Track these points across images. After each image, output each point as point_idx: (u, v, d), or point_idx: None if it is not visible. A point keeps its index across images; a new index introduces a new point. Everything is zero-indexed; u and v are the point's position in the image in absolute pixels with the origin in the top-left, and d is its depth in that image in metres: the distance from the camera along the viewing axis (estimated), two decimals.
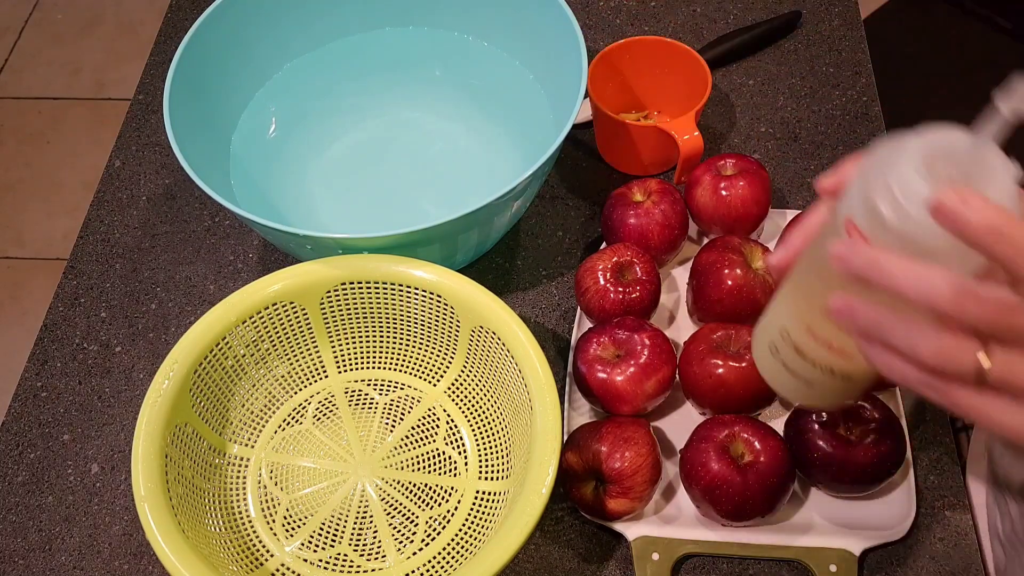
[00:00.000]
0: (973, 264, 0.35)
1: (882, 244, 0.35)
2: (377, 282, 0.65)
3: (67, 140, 1.92)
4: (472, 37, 0.82)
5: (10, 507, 0.68)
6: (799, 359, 0.45)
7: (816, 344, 0.44)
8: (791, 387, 0.48)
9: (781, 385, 0.49)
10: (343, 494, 0.65)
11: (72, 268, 0.80)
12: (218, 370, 0.63)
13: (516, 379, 0.60)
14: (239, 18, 0.75)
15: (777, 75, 0.88)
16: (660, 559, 0.61)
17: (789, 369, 0.47)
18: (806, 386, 0.47)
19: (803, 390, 0.47)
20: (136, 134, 0.88)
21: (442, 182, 0.78)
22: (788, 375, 0.47)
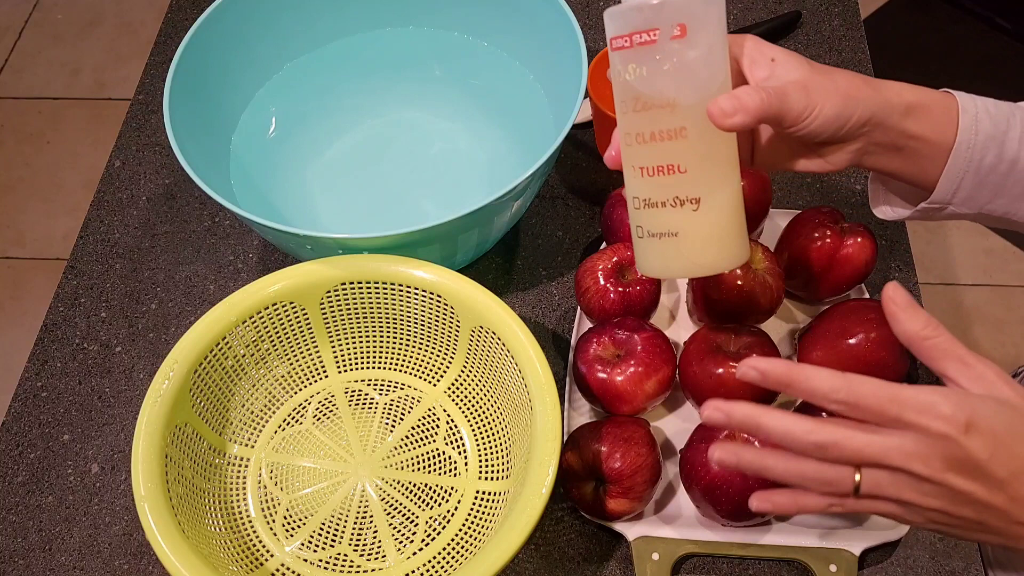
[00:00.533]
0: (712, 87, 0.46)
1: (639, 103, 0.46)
2: (377, 282, 0.65)
3: (67, 140, 1.92)
4: (472, 37, 0.82)
5: (10, 507, 0.68)
6: (652, 212, 0.48)
7: (655, 178, 0.48)
8: (669, 252, 0.49)
9: (659, 260, 0.50)
10: (343, 494, 0.65)
11: (72, 268, 0.80)
12: (218, 370, 0.63)
13: (516, 379, 0.60)
14: (239, 18, 0.75)
15: None
16: (660, 559, 0.61)
17: (654, 234, 0.49)
18: (675, 243, 0.48)
19: (674, 248, 0.49)
20: (136, 134, 0.88)
21: (442, 182, 0.78)
22: (655, 242, 0.49)
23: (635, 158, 0.49)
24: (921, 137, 0.50)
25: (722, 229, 0.49)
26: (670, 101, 0.46)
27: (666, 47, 0.45)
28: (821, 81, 0.48)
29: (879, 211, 0.57)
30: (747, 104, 0.45)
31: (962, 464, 0.40)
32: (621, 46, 0.47)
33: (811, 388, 0.42)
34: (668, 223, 0.48)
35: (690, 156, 0.47)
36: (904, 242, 0.77)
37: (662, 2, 0.45)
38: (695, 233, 0.48)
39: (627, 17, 0.46)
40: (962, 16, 1.91)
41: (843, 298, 0.70)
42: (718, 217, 0.48)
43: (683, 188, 0.47)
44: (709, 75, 0.46)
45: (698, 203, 0.47)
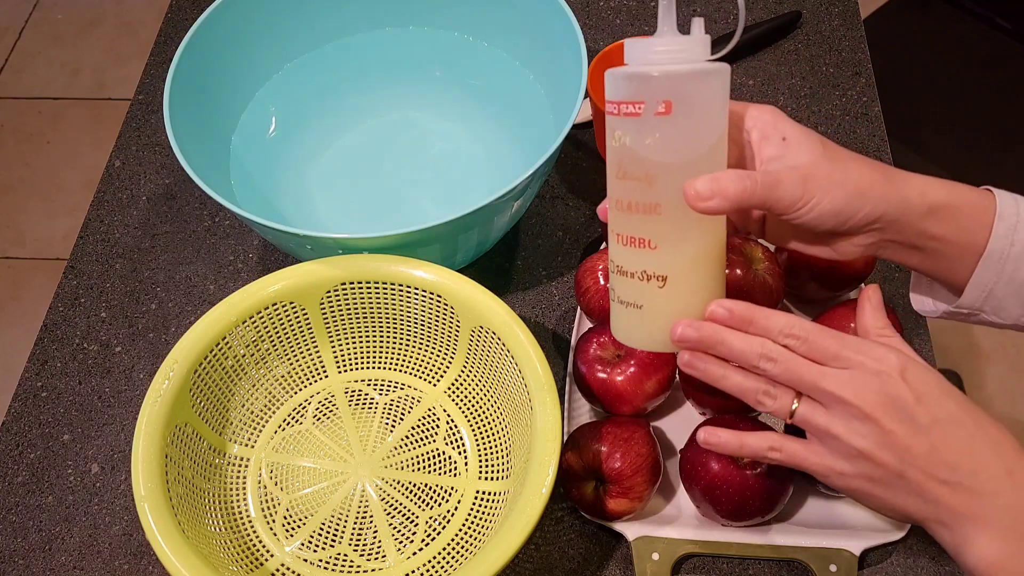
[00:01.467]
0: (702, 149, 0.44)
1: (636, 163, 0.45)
2: (377, 282, 0.65)
3: (67, 140, 1.92)
4: (472, 37, 0.82)
5: (10, 507, 0.68)
6: (623, 279, 0.48)
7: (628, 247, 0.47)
8: (633, 321, 0.48)
9: (624, 326, 0.49)
10: (343, 494, 0.65)
11: (72, 268, 0.80)
12: (218, 370, 0.63)
13: (516, 379, 0.60)
14: (239, 18, 0.75)
15: (777, 75, 0.88)
16: (660, 559, 0.61)
17: (623, 301, 0.48)
18: (639, 315, 0.48)
19: (638, 319, 0.48)
20: (136, 134, 0.88)
21: (442, 182, 0.78)
22: (623, 308, 0.49)
23: (615, 223, 0.48)
24: (944, 239, 0.46)
25: (687, 309, 0.47)
26: (647, 175, 0.45)
27: (649, 122, 0.44)
28: (827, 170, 0.45)
29: (917, 302, 0.54)
30: (726, 189, 0.43)
31: (891, 401, 0.43)
32: (611, 111, 0.45)
33: (768, 324, 0.45)
34: (635, 294, 0.48)
35: (661, 234, 0.46)
36: None
37: (651, 75, 0.43)
38: (658, 310, 0.47)
39: (619, 83, 0.45)
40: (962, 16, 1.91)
41: (843, 298, 0.70)
42: (684, 299, 0.47)
43: (651, 264, 0.46)
44: (692, 155, 0.44)
45: (664, 281, 0.46)
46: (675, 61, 0.44)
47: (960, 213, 0.46)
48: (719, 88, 0.44)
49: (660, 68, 0.43)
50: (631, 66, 0.45)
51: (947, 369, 1.51)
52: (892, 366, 0.43)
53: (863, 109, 0.85)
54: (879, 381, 0.43)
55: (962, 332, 1.57)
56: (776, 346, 0.45)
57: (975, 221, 0.46)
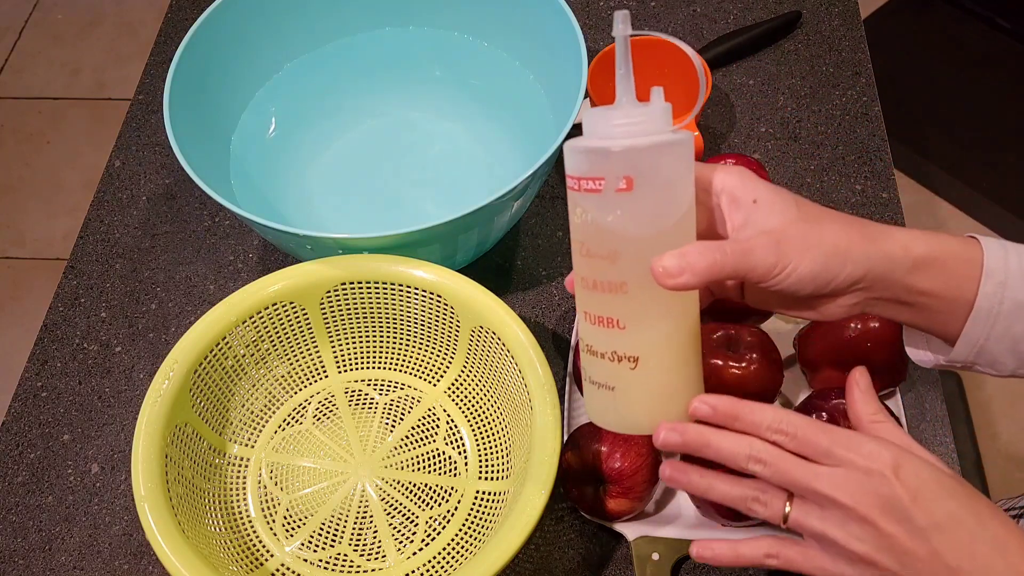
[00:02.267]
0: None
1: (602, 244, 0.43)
2: (377, 282, 0.65)
3: (67, 140, 1.92)
4: (472, 37, 0.82)
5: (10, 507, 0.68)
6: (594, 360, 0.46)
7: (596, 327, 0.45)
8: (605, 403, 0.46)
9: (598, 407, 0.47)
10: (343, 494, 0.65)
11: (72, 268, 0.80)
12: (218, 370, 0.63)
13: (516, 379, 0.60)
14: (239, 18, 0.75)
15: (777, 75, 0.88)
16: (660, 559, 0.61)
17: (594, 381, 0.46)
18: (612, 397, 0.46)
19: (611, 401, 0.46)
20: (136, 134, 0.88)
21: (442, 182, 0.78)
22: (595, 389, 0.46)
23: (582, 301, 0.46)
24: (932, 293, 0.45)
25: (661, 390, 0.45)
26: (611, 253, 0.43)
27: (611, 198, 0.41)
28: (802, 232, 0.43)
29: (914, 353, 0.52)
30: (695, 264, 0.41)
31: (887, 503, 0.41)
32: (572, 187, 0.43)
33: (755, 420, 0.43)
34: (606, 375, 0.45)
35: (629, 313, 0.43)
36: None
37: (609, 151, 0.41)
38: (631, 392, 0.45)
39: (577, 158, 0.43)
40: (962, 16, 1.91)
41: None
42: (658, 380, 0.45)
43: (621, 344, 0.44)
44: (657, 231, 0.42)
45: (636, 362, 0.44)
46: (635, 134, 0.42)
47: (946, 267, 0.44)
48: (683, 158, 0.42)
49: (619, 143, 0.41)
50: (590, 139, 0.42)
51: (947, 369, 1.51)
52: (885, 463, 0.41)
53: (863, 109, 0.85)
54: (872, 481, 0.41)
55: None
56: (765, 446, 0.43)
57: (962, 275, 0.45)
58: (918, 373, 0.70)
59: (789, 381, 0.67)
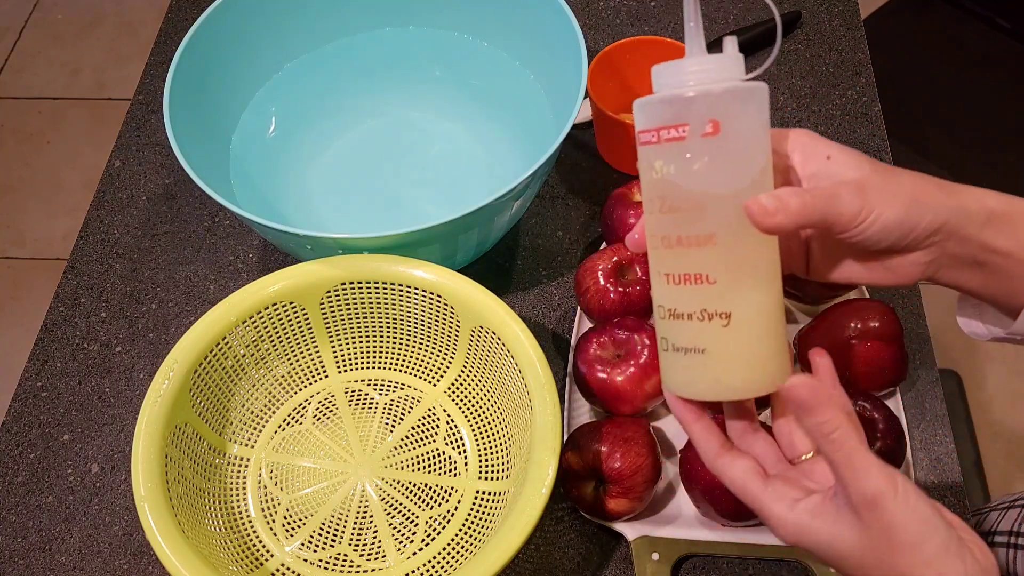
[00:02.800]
0: None
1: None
2: (377, 282, 0.65)
3: (67, 140, 1.92)
4: (472, 37, 0.82)
5: (10, 507, 0.68)
6: (678, 324, 0.43)
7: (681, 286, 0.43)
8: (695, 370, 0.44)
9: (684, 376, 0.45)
10: (343, 494, 0.65)
11: (72, 268, 0.80)
12: (218, 370, 0.63)
13: (516, 379, 0.60)
14: (239, 18, 0.75)
15: (777, 75, 0.88)
16: (660, 559, 0.61)
17: (678, 348, 0.44)
18: (702, 361, 0.43)
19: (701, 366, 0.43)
20: (136, 134, 0.88)
21: (442, 182, 0.78)
22: (680, 357, 0.44)
23: (660, 263, 0.44)
24: (1005, 252, 0.43)
25: (756, 348, 0.43)
26: (698, 204, 0.41)
27: (696, 145, 0.40)
28: (882, 182, 0.42)
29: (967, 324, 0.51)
30: (789, 204, 0.40)
31: None
32: (648, 140, 0.42)
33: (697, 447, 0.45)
34: (695, 338, 0.43)
35: (720, 265, 0.42)
36: None
37: (694, 95, 0.40)
38: (724, 352, 0.43)
39: (655, 110, 0.41)
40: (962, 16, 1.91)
41: (843, 298, 0.70)
42: (752, 335, 0.42)
43: (712, 301, 0.42)
44: (744, 176, 0.41)
45: (728, 318, 0.42)
46: (713, 80, 0.41)
47: (1021, 224, 0.43)
48: (763, 106, 0.42)
49: (701, 88, 0.41)
50: (664, 90, 0.42)
51: (947, 369, 1.51)
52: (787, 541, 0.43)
53: (863, 109, 0.85)
54: None
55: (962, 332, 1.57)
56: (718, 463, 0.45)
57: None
58: (918, 373, 0.70)
59: None
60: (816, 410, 0.40)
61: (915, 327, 0.72)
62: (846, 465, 0.39)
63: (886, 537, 0.39)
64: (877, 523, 0.39)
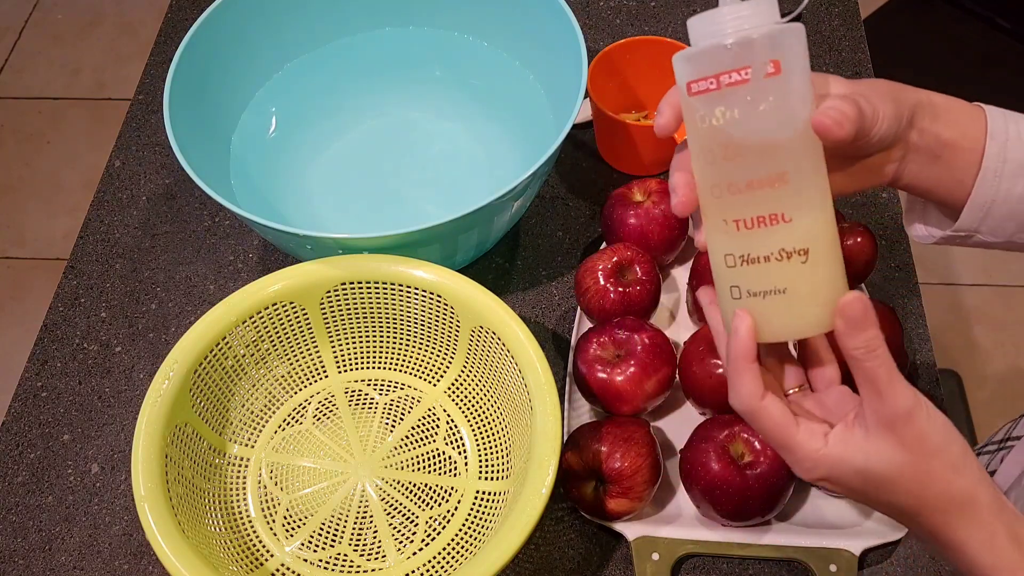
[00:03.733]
0: None
1: None
2: (377, 282, 0.65)
3: (67, 140, 1.92)
4: (472, 37, 0.82)
5: (10, 507, 0.68)
6: (754, 268, 0.43)
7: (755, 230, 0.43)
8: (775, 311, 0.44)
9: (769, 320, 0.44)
10: (343, 494, 0.65)
11: (72, 268, 0.80)
12: (218, 370, 0.63)
13: (516, 379, 0.60)
14: (239, 18, 0.75)
15: None
16: (660, 559, 0.61)
17: (755, 293, 0.44)
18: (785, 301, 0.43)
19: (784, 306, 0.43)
20: (136, 134, 0.88)
21: (442, 182, 0.78)
22: (758, 302, 0.44)
23: (727, 210, 0.43)
24: (953, 144, 0.47)
25: (834, 278, 0.43)
26: (769, 144, 0.42)
27: (760, 85, 0.41)
28: (863, 88, 0.46)
29: (913, 229, 0.55)
30: (848, 112, 0.42)
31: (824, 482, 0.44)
32: (706, 88, 0.42)
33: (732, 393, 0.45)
34: (775, 279, 0.43)
35: (794, 202, 0.42)
36: (904, 242, 0.77)
37: (753, 38, 0.41)
38: (806, 287, 0.43)
39: (711, 56, 0.41)
40: (962, 16, 1.91)
41: None
42: (829, 267, 0.43)
43: (789, 239, 0.42)
44: (804, 112, 0.42)
45: (806, 254, 0.42)
46: (759, 24, 0.41)
47: (961, 117, 0.48)
48: (805, 45, 0.43)
49: (756, 30, 0.41)
50: (713, 38, 0.42)
51: (947, 369, 1.51)
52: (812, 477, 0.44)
53: None
54: None
55: (962, 332, 1.57)
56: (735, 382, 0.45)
57: (974, 128, 0.48)
58: (918, 373, 0.70)
59: None
60: (867, 326, 0.41)
61: (915, 327, 0.72)
62: (887, 382, 0.41)
63: (919, 445, 0.41)
64: (911, 434, 0.41)
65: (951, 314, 1.58)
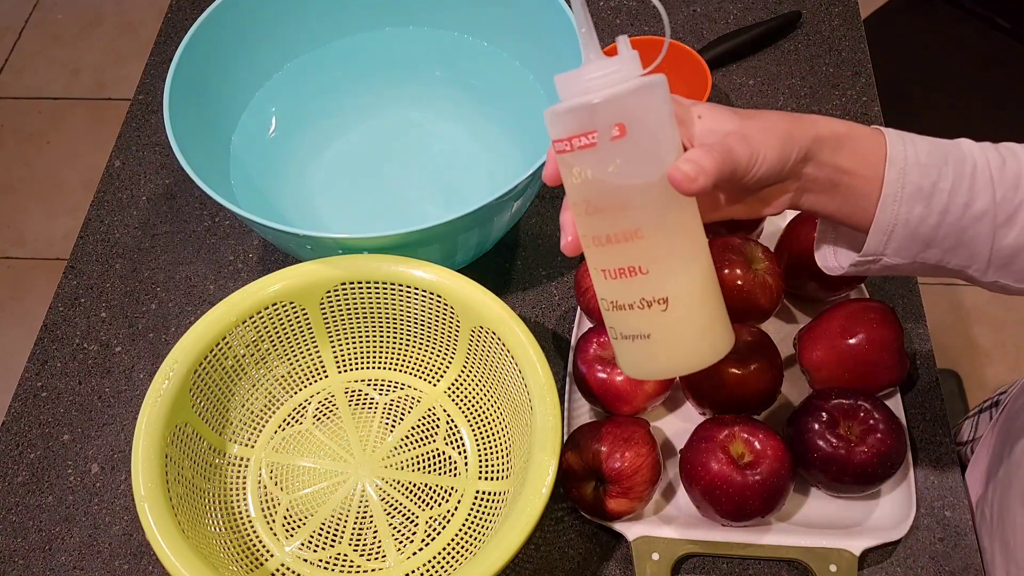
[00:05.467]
0: None
1: None
2: (377, 282, 0.65)
3: (67, 140, 1.92)
4: (472, 37, 0.82)
5: (10, 507, 0.68)
6: (621, 314, 0.46)
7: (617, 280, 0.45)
8: (643, 354, 0.46)
9: (636, 360, 0.47)
10: (343, 494, 0.65)
11: (72, 268, 0.80)
12: (218, 370, 0.63)
13: (516, 379, 0.60)
14: (239, 18, 0.75)
15: (777, 75, 0.88)
16: (660, 559, 0.61)
17: (626, 336, 0.46)
18: (649, 345, 0.45)
19: (650, 349, 0.46)
20: (136, 134, 0.88)
21: (442, 182, 0.78)
22: (629, 344, 0.46)
23: (595, 260, 0.46)
24: (853, 172, 0.48)
25: (698, 323, 0.45)
26: (619, 203, 0.43)
27: (607, 149, 0.42)
28: (754, 127, 0.47)
29: (820, 255, 0.55)
30: (706, 166, 0.43)
31: None
32: (563, 149, 0.44)
33: None
34: (638, 325, 0.45)
35: (650, 255, 0.44)
36: None
37: (596, 103, 0.42)
38: (668, 333, 0.45)
39: (563, 120, 0.43)
40: (962, 16, 1.91)
41: (843, 298, 0.70)
42: (691, 312, 0.45)
43: (648, 289, 0.44)
44: (658, 167, 0.43)
45: (666, 303, 0.44)
46: (614, 83, 0.42)
47: (862, 145, 0.49)
48: (664, 99, 0.44)
49: (601, 93, 0.42)
50: (569, 100, 0.43)
51: (947, 369, 1.51)
52: None
53: (863, 109, 0.85)
54: None
55: (962, 332, 1.57)
56: None
57: (875, 158, 0.49)
58: (918, 373, 0.70)
59: (789, 381, 0.67)
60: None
61: (915, 327, 0.72)
62: None
63: None
64: None
65: (951, 314, 1.58)
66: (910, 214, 0.48)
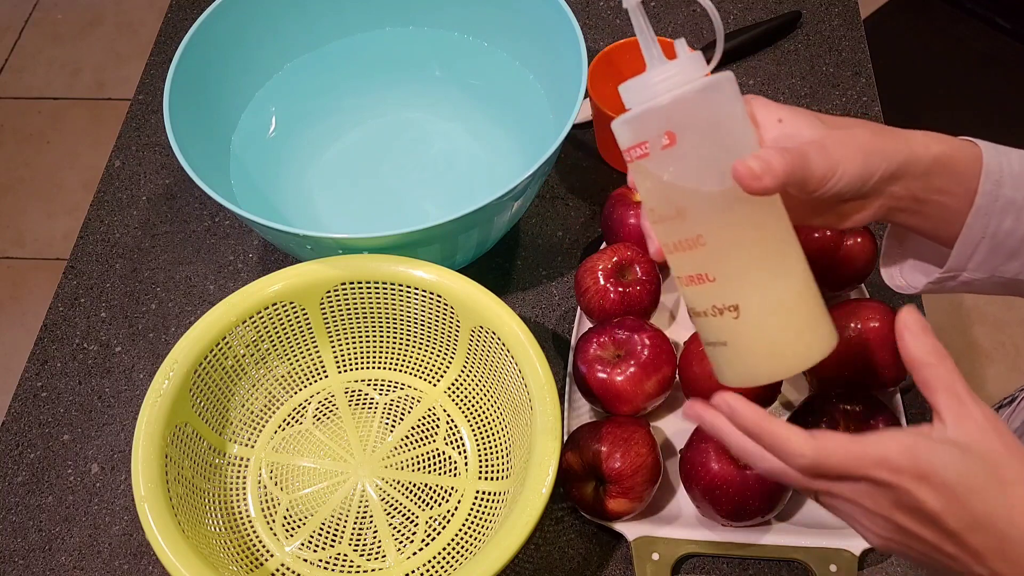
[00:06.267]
0: None
1: None
2: (377, 282, 0.65)
3: (67, 140, 1.92)
4: (472, 37, 0.82)
5: (10, 507, 0.68)
6: (701, 320, 0.45)
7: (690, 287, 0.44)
8: (724, 361, 0.45)
9: (720, 367, 0.46)
10: (343, 494, 0.65)
11: (72, 268, 0.80)
12: (218, 370, 0.63)
13: (516, 379, 0.60)
14: (239, 18, 0.75)
15: (777, 75, 0.88)
16: (660, 559, 0.61)
17: (709, 343, 0.45)
18: (727, 352, 0.44)
19: (728, 356, 0.44)
20: (136, 134, 0.88)
21: (442, 182, 0.78)
22: (712, 350, 0.45)
23: (674, 266, 0.45)
24: (947, 191, 0.46)
25: (775, 333, 0.43)
26: (679, 210, 0.42)
27: (660, 158, 0.42)
28: (839, 138, 0.44)
29: (888, 275, 0.53)
30: (775, 166, 0.40)
31: (912, 509, 0.39)
32: (628, 159, 0.44)
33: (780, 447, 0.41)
34: (716, 332, 0.44)
35: (714, 263, 0.43)
36: None
37: (643, 112, 0.41)
38: (743, 342, 0.44)
39: (621, 131, 0.43)
40: (962, 16, 1.91)
41: (843, 298, 0.70)
42: (766, 320, 0.43)
43: (717, 296, 0.43)
44: (716, 173, 0.42)
45: (737, 310, 0.43)
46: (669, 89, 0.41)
47: (959, 164, 0.46)
48: (723, 100, 0.42)
49: (646, 104, 0.42)
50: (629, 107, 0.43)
51: None
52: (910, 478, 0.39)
53: (863, 109, 0.85)
54: (895, 493, 0.40)
55: (962, 332, 1.57)
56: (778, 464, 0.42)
57: (970, 170, 0.46)
58: None
59: (789, 381, 0.67)
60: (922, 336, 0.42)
61: None
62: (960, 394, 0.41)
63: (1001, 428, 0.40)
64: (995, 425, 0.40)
65: (951, 314, 1.58)
66: (999, 227, 0.46)
